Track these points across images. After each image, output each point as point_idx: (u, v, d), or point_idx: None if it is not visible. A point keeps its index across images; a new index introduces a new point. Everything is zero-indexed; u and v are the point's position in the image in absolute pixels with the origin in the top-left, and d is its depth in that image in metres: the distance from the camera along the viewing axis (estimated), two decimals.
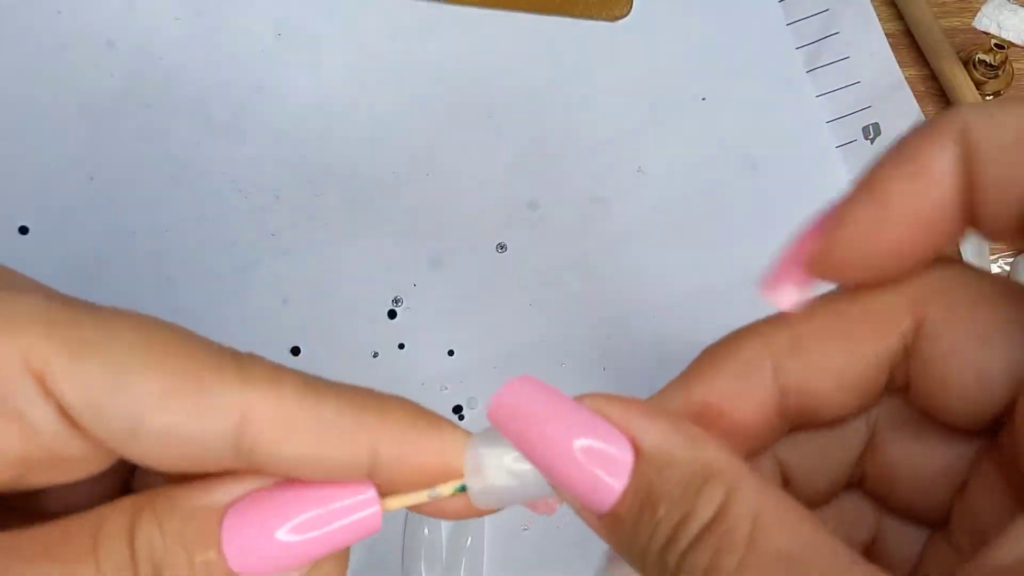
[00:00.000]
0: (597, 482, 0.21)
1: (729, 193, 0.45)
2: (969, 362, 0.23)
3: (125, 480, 0.26)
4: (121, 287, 0.43)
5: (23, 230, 0.44)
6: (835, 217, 0.23)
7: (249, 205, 0.45)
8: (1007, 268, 0.45)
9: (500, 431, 0.22)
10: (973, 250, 0.45)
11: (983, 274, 0.24)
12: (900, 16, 0.49)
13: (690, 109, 0.47)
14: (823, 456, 0.26)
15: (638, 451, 0.22)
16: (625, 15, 0.48)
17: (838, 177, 0.46)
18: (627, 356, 0.43)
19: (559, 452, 0.22)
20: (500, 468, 0.22)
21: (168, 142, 0.45)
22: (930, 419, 0.24)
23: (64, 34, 0.46)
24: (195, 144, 0.45)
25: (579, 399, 0.22)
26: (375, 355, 0.43)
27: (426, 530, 0.40)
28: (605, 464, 0.21)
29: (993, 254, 0.45)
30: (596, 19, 0.48)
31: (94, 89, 0.46)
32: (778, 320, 0.25)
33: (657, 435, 0.22)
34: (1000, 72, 0.47)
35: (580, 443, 0.21)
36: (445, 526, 0.41)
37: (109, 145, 0.45)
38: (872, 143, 0.46)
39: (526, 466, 0.22)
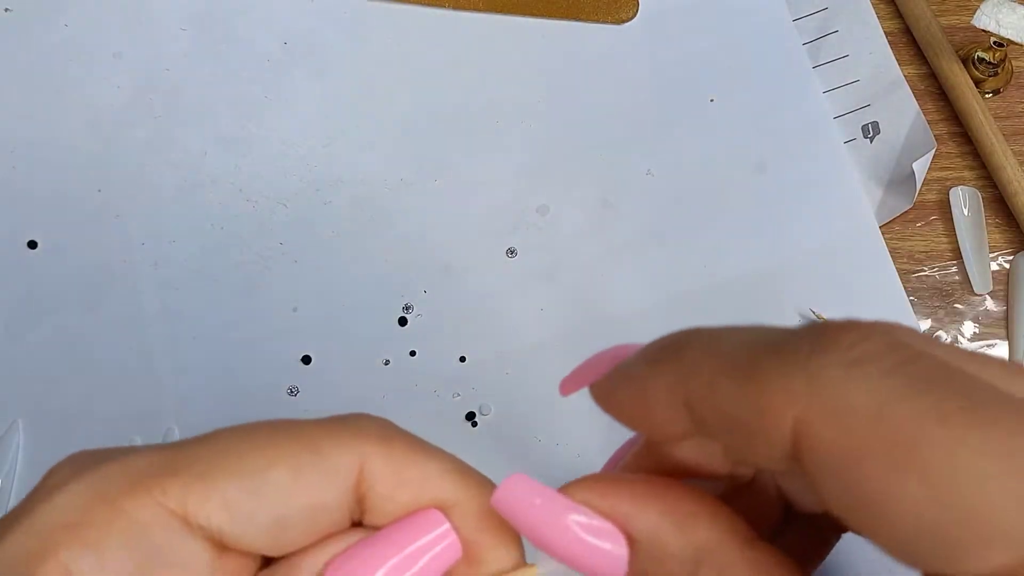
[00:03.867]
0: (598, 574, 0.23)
1: (739, 194, 0.46)
2: None
3: None
4: (130, 298, 0.43)
5: (32, 244, 0.43)
6: (606, 376, 0.25)
7: (257, 214, 0.44)
8: (1006, 265, 0.45)
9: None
10: (972, 248, 0.45)
11: None
12: (899, 14, 0.49)
13: (698, 111, 0.47)
14: None
15: (631, 541, 0.22)
16: (632, 18, 0.48)
17: (848, 174, 0.46)
18: None
19: (559, 554, 0.23)
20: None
21: (175, 152, 0.45)
22: None
23: (71, 47, 0.46)
24: (202, 154, 0.45)
25: (568, 491, 0.23)
26: (386, 363, 0.43)
27: None
28: (602, 561, 0.22)
29: (992, 252, 0.46)
30: (603, 23, 0.48)
31: (102, 101, 0.45)
32: None
33: (648, 524, 0.22)
34: (999, 70, 0.47)
35: (573, 547, 0.22)
36: None
37: (117, 157, 0.45)
38: (871, 142, 0.47)
39: None
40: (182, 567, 0.22)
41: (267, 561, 0.24)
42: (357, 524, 0.24)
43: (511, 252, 0.45)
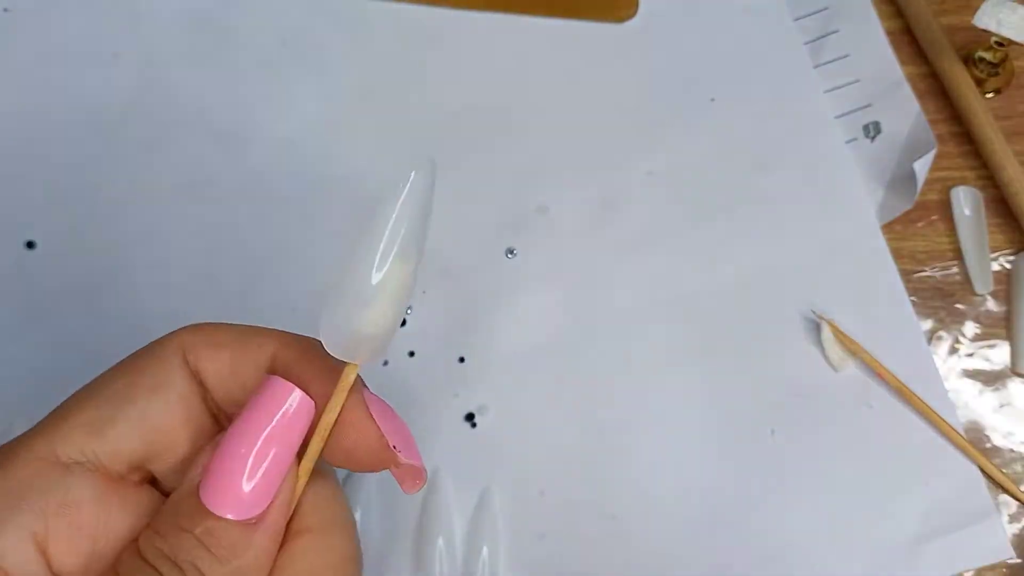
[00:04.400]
0: None
1: (739, 193, 0.46)
2: None
3: None
4: (128, 297, 0.43)
5: (30, 244, 0.43)
6: None
7: (256, 215, 0.44)
8: (1007, 265, 0.45)
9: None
10: (973, 248, 0.45)
11: None
12: (900, 14, 0.49)
13: (699, 110, 0.47)
14: None
15: None
16: (632, 17, 0.48)
17: (849, 173, 0.46)
18: (640, 359, 0.43)
19: None
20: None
21: (174, 153, 0.45)
22: None
23: (71, 47, 0.46)
24: (201, 154, 0.45)
25: None
26: (385, 363, 0.43)
27: (441, 541, 0.41)
28: None
29: (993, 252, 0.46)
30: (603, 21, 0.48)
31: (100, 101, 0.45)
32: None
33: None
34: (1000, 70, 0.47)
35: None
36: (460, 537, 0.41)
37: (116, 156, 0.45)
38: (872, 141, 0.47)
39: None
40: (72, 506, 0.24)
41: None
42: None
43: (511, 252, 0.45)
